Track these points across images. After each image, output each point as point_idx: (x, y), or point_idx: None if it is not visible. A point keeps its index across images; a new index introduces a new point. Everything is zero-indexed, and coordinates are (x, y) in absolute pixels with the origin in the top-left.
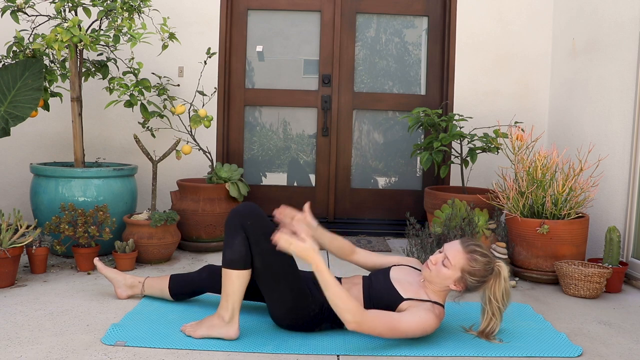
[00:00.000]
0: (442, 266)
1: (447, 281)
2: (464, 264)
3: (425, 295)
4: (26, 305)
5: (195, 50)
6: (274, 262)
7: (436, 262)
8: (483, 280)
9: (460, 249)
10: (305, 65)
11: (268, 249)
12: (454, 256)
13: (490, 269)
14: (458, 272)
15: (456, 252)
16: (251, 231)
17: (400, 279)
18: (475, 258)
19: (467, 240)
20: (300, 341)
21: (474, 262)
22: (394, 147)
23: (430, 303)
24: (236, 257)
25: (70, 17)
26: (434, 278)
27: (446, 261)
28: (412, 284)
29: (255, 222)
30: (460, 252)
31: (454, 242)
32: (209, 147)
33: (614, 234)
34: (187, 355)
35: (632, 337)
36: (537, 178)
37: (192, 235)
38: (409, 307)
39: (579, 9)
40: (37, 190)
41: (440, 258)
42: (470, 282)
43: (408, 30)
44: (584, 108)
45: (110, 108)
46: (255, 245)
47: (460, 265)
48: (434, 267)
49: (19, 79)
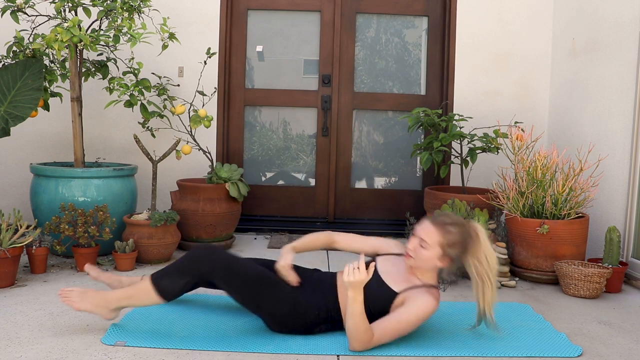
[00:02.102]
0: (421, 249)
1: (431, 261)
2: (440, 238)
3: (417, 280)
4: (26, 305)
5: (195, 50)
6: (252, 291)
7: (414, 248)
8: (464, 247)
9: (431, 226)
10: (305, 65)
11: (239, 286)
12: (428, 235)
13: (466, 233)
14: (438, 249)
15: (428, 231)
16: (217, 277)
17: (389, 271)
18: (448, 229)
19: (435, 216)
20: (300, 341)
21: (448, 233)
22: (394, 147)
23: (425, 287)
24: (169, 290)
25: (70, 17)
26: (418, 263)
27: (423, 243)
28: (400, 273)
29: (218, 268)
30: (432, 229)
31: (423, 223)
32: (209, 147)
33: (614, 234)
34: (187, 355)
35: (632, 337)
36: (537, 178)
37: (192, 236)
38: (405, 300)
39: (579, 9)
40: (37, 190)
41: (416, 242)
42: (453, 253)
43: (408, 30)
44: (584, 108)
45: (110, 108)
46: (226, 287)
47: (436, 241)
48: (414, 254)
49: (19, 79)
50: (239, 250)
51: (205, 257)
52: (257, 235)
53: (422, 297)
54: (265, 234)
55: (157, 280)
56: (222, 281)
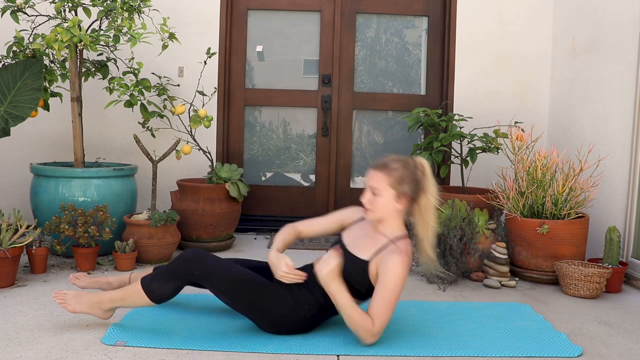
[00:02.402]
0: (376, 197)
1: (390, 206)
2: (387, 179)
3: (383, 237)
4: (26, 305)
5: (195, 50)
6: (250, 295)
7: (369, 200)
8: (414, 180)
9: (375, 171)
10: (305, 65)
11: (232, 290)
12: (376, 180)
13: (410, 166)
14: (390, 191)
15: (374, 177)
16: (207, 281)
17: (354, 241)
18: (391, 167)
19: (376, 160)
20: (300, 341)
21: (393, 171)
22: (394, 147)
23: (392, 244)
24: (159, 295)
25: (70, 17)
26: (379, 214)
27: (374, 190)
28: (366, 237)
29: (205, 271)
30: (377, 173)
31: (368, 172)
32: (209, 147)
33: (614, 234)
34: (187, 355)
35: (632, 337)
36: (537, 178)
37: (192, 236)
38: (378, 266)
39: (579, 9)
40: (37, 190)
41: (368, 194)
42: (407, 189)
43: (408, 30)
44: (584, 108)
45: (110, 108)
46: (217, 290)
47: (386, 183)
48: (371, 206)
49: (19, 79)
50: (238, 250)
51: (194, 261)
52: (257, 235)
53: (391, 261)
54: (265, 234)
55: (147, 284)
56: (213, 286)
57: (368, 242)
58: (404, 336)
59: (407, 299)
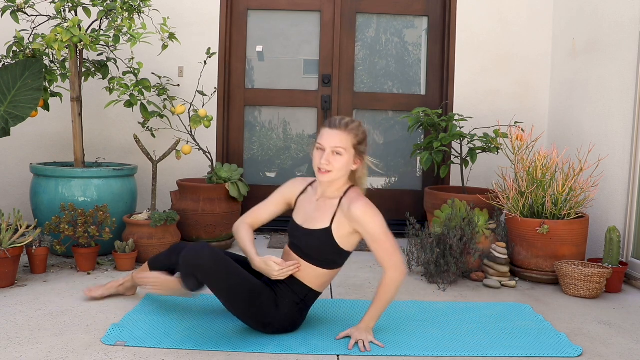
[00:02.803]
0: (337, 157)
1: (348, 167)
2: (352, 140)
3: (333, 200)
4: (26, 305)
5: (195, 50)
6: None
7: (328, 160)
8: (366, 140)
9: (338, 131)
10: (305, 65)
11: (225, 288)
12: (341, 141)
13: (363, 127)
14: (352, 151)
15: (339, 137)
16: (206, 281)
17: (307, 217)
18: (353, 127)
19: (333, 121)
20: (301, 341)
21: (355, 130)
22: (394, 147)
23: (345, 199)
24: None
25: (70, 17)
26: (337, 175)
27: (338, 150)
28: (316, 210)
29: (205, 274)
30: (341, 134)
31: (325, 133)
32: (209, 147)
33: (614, 234)
34: (187, 355)
35: (632, 337)
36: (537, 178)
37: (192, 236)
38: (347, 224)
39: (579, 9)
40: (37, 190)
41: (328, 155)
42: (363, 150)
43: (408, 30)
44: (584, 108)
45: (110, 108)
46: (214, 290)
47: (350, 143)
48: (331, 166)
49: (19, 79)
50: (238, 250)
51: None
52: (257, 235)
53: (358, 211)
54: (265, 234)
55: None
56: (210, 282)
57: (321, 213)
58: (404, 336)
59: (407, 299)
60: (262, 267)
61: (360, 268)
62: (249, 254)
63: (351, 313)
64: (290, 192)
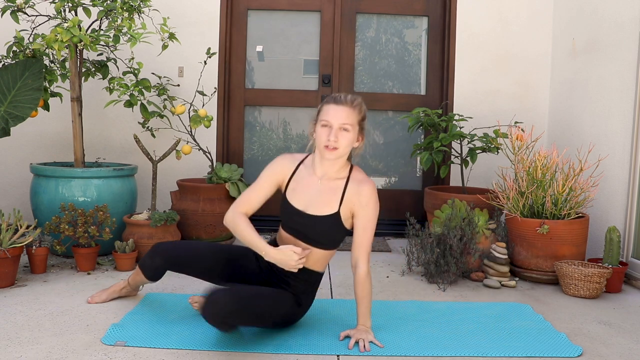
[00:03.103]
0: (344, 134)
1: (352, 143)
2: (357, 116)
3: (338, 181)
4: (26, 305)
5: (195, 50)
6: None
7: (336, 137)
8: (366, 114)
9: (346, 107)
10: (305, 65)
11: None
12: (349, 117)
13: (363, 101)
14: (357, 127)
15: (346, 112)
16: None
17: (312, 202)
18: (357, 104)
19: (338, 97)
20: (301, 341)
21: (359, 107)
22: (394, 147)
23: (352, 181)
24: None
25: (70, 17)
26: (343, 152)
27: (345, 126)
28: (320, 193)
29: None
30: (348, 110)
31: (332, 109)
32: (209, 147)
33: (614, 234)
34: (187, 355)
35: (632, 337)
36: (537, 178)
37: (192, 236)
38: (353, 204)
39: (579, 9)
40: (37, 190)
41: (336, 131)
42: (365, 126)
43: (408, 30)
44: (584, 108)
45: (110, 108)
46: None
47: (356, 120)
48: (338, 143)
49: (19, 79)
50: None
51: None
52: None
53: (366, 192)
54: (265, 233)
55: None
56: None
57: (326, 197)
58: (404, 336)
59: (407, 299)
60: (278, 258)
61: None
62: (258, 246)
63: (351, 313)
64: (280, 173)
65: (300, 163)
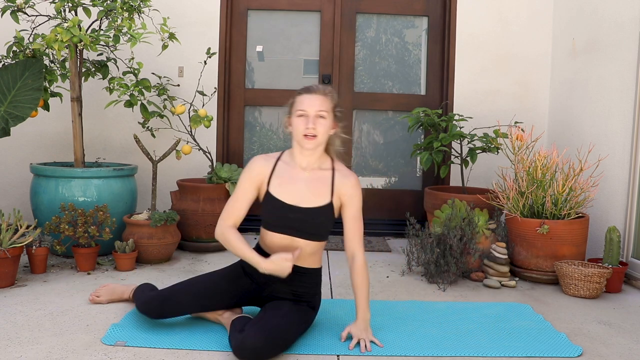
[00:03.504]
0: (321, 121)
1: (329, 130)
2: (331, 104)
3: (324, 172)
4: (26, 305)
5: (195, 50)
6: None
7: (314, 124)
8: (337, 102)
9: (320, 95)
10: (305, 65)
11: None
12: (323, 104)
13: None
14: (331, 114)
15: (321, 100)
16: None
17: (301, 195)
18: (329, 91)
19: (310, 87)
20: (300, 341)
21: (332, 94)
22: (394, 147)
23: (337, 172)
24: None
25: (70, 17)
26: (321, 140)
27: (321, 113)
28: (308, 184)
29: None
30: (322, 98)
31: (306, 98)
32: (209, 147)
33: (614, 234)
34: (187, 355)
35: (632, 337)
36: (537, 178)
37: (192, 236)
38: (341, 196)
39: (579, 9)
40: (37, 190)
41: (313, 118)
42: (339, 113)
43: (408, 30)
44: (584, 108)
45: (110, 108)
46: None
47: (330, 107)
48: (316, 131)
49: (19, 79)
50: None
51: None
52: (257, 235)
53: (351, 185)
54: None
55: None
56: None
57: (316, 188)
58: (404, 336)
59: (407, 299)
60: (272, 268)
61: None
62: (252, 260)
63: (351, 313)
64: (258, 174)
65: (278, 160)
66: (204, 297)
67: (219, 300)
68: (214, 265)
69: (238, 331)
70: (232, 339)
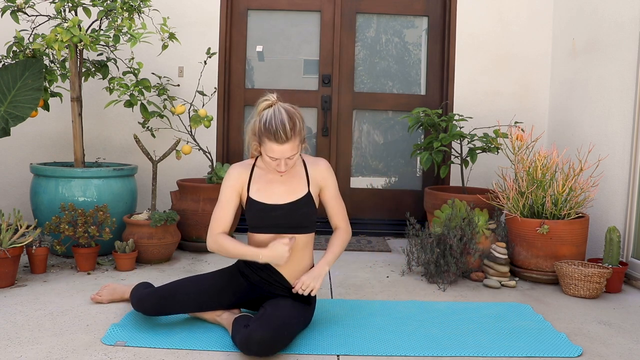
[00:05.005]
0: (290, 161)
1: (298, 157)
2: (298, 139)
3: (300, 168)
4: (26, 305)
5: (195, 50)
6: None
7: (286, 165)
8: (304, 124)
9: (288, 144)
10: (305, 65)
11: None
12: (292, 149)
13: (299, 115)
14: (300, 146)
15: (290, 146)
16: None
17: (281, 192)
18: (296, 124)
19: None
20: (300, 341)
21: (298, 127)
22: (394, 147)
23: (305, 161)
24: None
25: (70, 17)
26: (292, 167)
27: (293, 156)
28: (287, 181)
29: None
30: (291, 143)
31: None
32: (209, 147)
33: (614, 234)
34: (187, 355)
35: (632, 337)
36: (537, 178)
37: (192, 236)
38: (318, 182)
39: (579, 9)
40: (37, 190)
41: (285, 161)
42: (304, 134)
43: (408, 30)
44: (584, 108)
45: (110, 108)
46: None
47: (298, 142)
48: (287, 168)
49: (19, 79)
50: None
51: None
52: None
53: (323, 169)
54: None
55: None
56: None
57: (293, 184)
58: (404, 336)
59: (407, 299)
60: (272, 254)
61: (360, 268)
62: (252, 254)
63: (351, 313)
64: (238, 182)
65: (253, 167)
66: (202, 294)
67: (216, 298)
68: (215, 265)
69: (243, 326)
70: (237, 335)
